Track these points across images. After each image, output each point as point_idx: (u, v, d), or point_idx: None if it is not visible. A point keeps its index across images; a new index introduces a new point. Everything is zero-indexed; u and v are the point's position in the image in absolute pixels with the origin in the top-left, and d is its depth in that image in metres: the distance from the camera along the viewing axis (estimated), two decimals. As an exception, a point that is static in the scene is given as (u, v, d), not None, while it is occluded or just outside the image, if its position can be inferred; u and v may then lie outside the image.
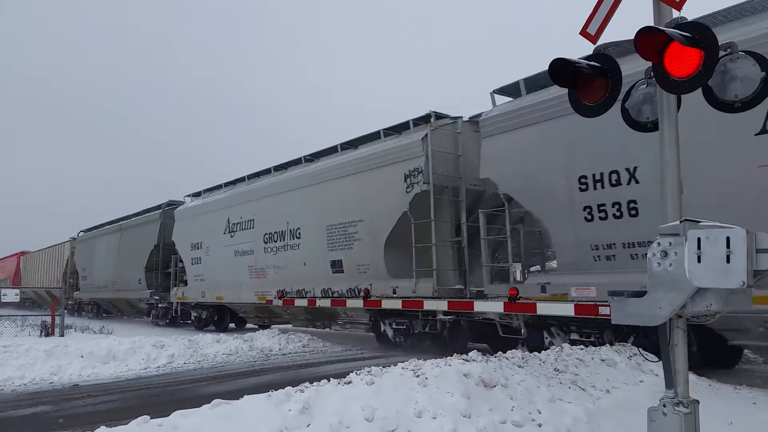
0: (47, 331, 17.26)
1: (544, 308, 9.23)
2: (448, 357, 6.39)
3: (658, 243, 3.77)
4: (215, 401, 4.99)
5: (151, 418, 4.76)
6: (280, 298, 15.66)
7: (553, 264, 10.78)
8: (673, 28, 3.94)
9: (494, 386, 5.57)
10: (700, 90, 4.07)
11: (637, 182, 8.25)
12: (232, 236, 17.88)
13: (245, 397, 5.07)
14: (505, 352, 7.10)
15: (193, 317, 21.21)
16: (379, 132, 13.39)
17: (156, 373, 10.84)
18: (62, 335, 17.05)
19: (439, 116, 12.16)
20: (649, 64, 4.17)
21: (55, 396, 8.65)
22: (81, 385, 9.63)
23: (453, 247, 11.87)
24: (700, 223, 3.75)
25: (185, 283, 20.95)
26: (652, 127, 4.52)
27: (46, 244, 38.22)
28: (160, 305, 22.89)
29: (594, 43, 4.53)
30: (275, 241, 15.95)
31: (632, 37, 3.92)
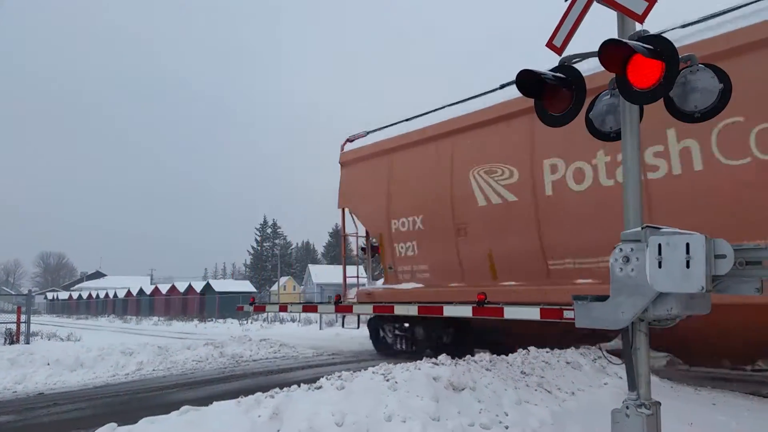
0: (12, 338, 16.86)
1: (510, 312, 9.37)
2: (418, 361, 6.45)
3: (620, 249, 3.87)
4: (184, 408, 4.97)
5: (119, 425, 4.73)
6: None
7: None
8: (636, 40, 4.05)
9: (463, 389, 5.64)
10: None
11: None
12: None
13: (214, 403, 5.05)
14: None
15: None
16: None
17: (125, 381, 10.68)
18: (27, 342, 16.65)
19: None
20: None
21: (18, 405, 8.47)
22: (47, 394, 9.44)
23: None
24: (661, 230, 3.86)
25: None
26: (615, 136, 4.64)
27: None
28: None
29: (560, 55, 4.64)
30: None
31: (597, 48, 4.02)
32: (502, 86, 10.78)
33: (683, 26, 8.15)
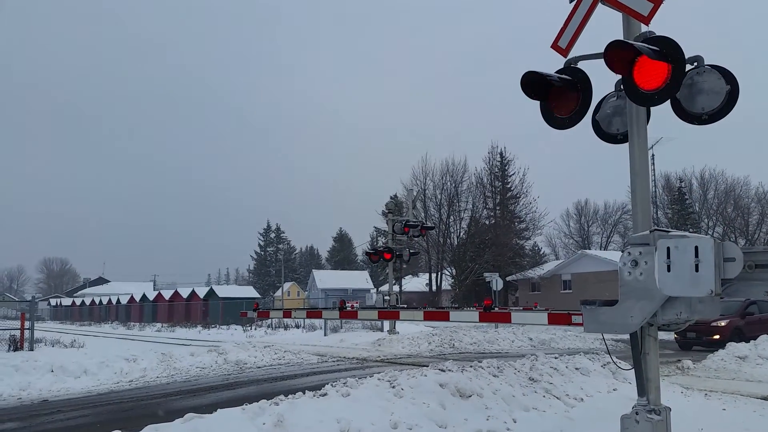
0: (16, 345, 16.83)
1: (518, 317, 9.30)
2: (424, 367, 6.40)
3: (629, 252, 3.82)
4: (188, 415, 4.93)
5: (123, 433, 4.69)
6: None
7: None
8: (642, 42, 4.01)
9: (470, 396, 5.59)
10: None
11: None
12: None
13: (219, 410, 5.01)
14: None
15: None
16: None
17: (128, 387, 10.65)
18: (32, 349, 16.63)
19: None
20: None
21: (23, 412, 8.44)
22: (51, 401, 9.42)
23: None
24: (670, 233, 3.82)
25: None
26: (622, 138, 4.60)
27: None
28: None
29: (565, 57, 4.59)
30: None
31: (602, 50, 3.98)
32: None
33: None
